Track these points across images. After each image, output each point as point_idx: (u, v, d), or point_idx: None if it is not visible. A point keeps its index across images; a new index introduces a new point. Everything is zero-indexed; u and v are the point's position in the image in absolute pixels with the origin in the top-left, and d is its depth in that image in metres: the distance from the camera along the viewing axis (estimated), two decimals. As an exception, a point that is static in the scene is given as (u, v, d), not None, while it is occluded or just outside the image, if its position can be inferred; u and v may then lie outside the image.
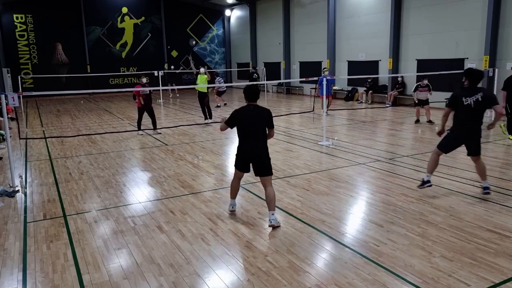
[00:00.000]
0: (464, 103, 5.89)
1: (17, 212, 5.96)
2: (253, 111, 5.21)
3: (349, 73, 20.16)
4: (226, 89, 19.67)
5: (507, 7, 13.80)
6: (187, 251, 4.56)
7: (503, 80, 14.01)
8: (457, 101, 6.01)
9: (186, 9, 29.29)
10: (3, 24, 24.75)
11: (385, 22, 18.01)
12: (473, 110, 5.88)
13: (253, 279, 3.94)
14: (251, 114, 5.18)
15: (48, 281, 4.02)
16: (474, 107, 5.85)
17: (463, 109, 5.94)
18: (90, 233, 5.12)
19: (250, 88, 5.23)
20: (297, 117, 15.02)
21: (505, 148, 9.35)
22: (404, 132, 11.94)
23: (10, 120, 14.11)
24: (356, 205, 6.02)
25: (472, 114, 5.93)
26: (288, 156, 8.96)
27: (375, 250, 4.45)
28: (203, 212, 5.73)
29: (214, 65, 30.98)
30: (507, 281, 3.82)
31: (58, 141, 11.32)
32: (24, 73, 24.65)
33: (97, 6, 26.84)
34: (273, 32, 25.78)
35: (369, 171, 7.63)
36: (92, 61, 27.02)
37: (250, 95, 5.20)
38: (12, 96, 7.30)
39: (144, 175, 7.84)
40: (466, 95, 5.89)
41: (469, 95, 5.87)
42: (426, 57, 16.66)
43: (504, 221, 5.18)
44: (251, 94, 5.20)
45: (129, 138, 11.58)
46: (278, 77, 25.57)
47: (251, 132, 5.20)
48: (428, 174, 6.28)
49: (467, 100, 5.87)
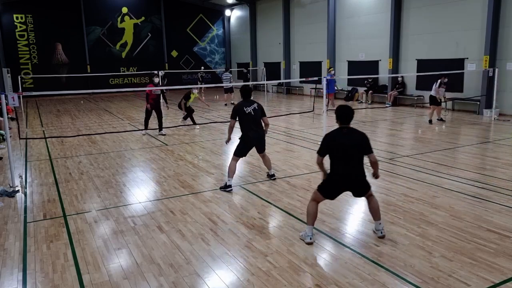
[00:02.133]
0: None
1: (17, 212, 5.96)
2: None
3: (349, 73, 20.16)
4: (232, 88, 19.51)
5: (507, 7, 13.79)
6: (187, 251, 4.56)
7: (503, 80, 14.07)
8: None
9: (186, 9, 29.30)
10: (3, 24, 24.75)
11: (385, 22, 18.01)
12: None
13: (253, 279, 3.94)
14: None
15: (48, 281, 4.02)
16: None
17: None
18: (90, 233, 5.12)
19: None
20: (297, 117, 15.02)
21: (505, 148, 9.35)
22: (404, 132, 11.95)
23: (10, 120, 14.11)
24: (356, 205, 6.02)
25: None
26: (288, 156, 8.95)
27: (375, 250, 4.45)
28: (203, 212, 5.73)
29: (214, 65, 30.99)
30: (507, 281, 3.82)
31: (58, 141, 11.32)
32: (24, 73, 24.64)
33: (97, 6, 26.84)
34: (273, 32, 25.77)
35: (369, 171, 7.61)
36: (92, 61, 27.02)
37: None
38: (12, 96, 7.30)
39: (144, 175, 7.84)
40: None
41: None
42: (426, 57, 16.66)
43: (504, 221, 5.18)
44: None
45: (129, 138, 11.58)
46: (278, 77, 25.57)
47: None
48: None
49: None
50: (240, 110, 6.56)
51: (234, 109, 6.63)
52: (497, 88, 13.69)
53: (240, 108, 6.56)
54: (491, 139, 10.68)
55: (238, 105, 6.64)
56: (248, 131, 6.59)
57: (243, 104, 6.60)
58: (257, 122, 6.62)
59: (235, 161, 6.68)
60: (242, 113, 6.54)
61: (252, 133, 6.59)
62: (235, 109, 6.61)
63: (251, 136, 6.60)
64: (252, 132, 6.59)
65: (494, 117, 13.57)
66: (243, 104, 6.60)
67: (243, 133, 6.69)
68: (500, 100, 14.13)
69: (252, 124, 6.57)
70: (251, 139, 6.63)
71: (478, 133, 11.43)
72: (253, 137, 6.61)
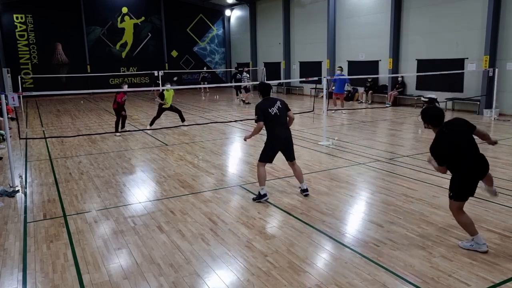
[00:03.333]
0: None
1: (17, 212, 5.96)
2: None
3: (349, 73, 20.15)
4: (249, 87, 19.89)
5: (507, 7, 13.79)
6: (187, 251, 4.56)
7: (503, 80, 14.07)
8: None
9: (186, 9, 29.29)
10: (3, 24, 24.75)
11: (385, 22, 18.01)
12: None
13: (253, 279, 3.94)
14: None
15: (48, 281, 4.02)
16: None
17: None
18: (90, 233, 5.12)
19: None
20: (297, 117, 14.97)
21: (505, 148, 9.35)
22: (404, 132, 11.94)
23: (10, 120, 14.10)
24: (356, 205, 6.02)
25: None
26: (288, 156, 8.94)
27: (375, 250, 4.45)
28: (203, 212, 5.72)
29: (214, 65, 30.99)
30: (507, 281, 3.82)
31: (58, 141, 11.32)
32: (24, 73, 24.64)
33: (97, 6, 26.84)
34: (273, 32, 25.77)
35: (369, 171, 7.63)
36: (92, 61, 27.02)
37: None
38: (12, 96, 7.30)
39: (144, 175, 7.84)
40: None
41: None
42: (426, 57, 16.66)
43: (504, 221, 5.18)
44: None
45: (129, 138, 11.58)
46: (278, 77, 25.57)
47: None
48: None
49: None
50: (265, 111, 5.95)
51: (259, 110, 5.97)
52: (497, 88, 13.68)
53: (265, 109, 5.96)
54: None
55: (262, 105, 6.01)
56: (276, 131, 6.03)
57: (266, 104, 6.02)
58: (284, 122, 6.12)
59: (263, 166, 6.13)
60: (268, 115, 5.95)
61: (281, 133, 6.07)
62: (261, 110, 5.96)
63: (281, 136, 6.07)
64: (281, 132, 6.06)
65: (494, 117, 13.57)
66: (267, 104, 6.02)
67: (270, 135, 6.10)
68: (500, 100, 14.13)
69: (280, 124, 6.04)
70: (281, 140, 6.08)
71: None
72: (283, 137, 6.09)
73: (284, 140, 6.12)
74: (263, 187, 6.10)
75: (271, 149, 6.11)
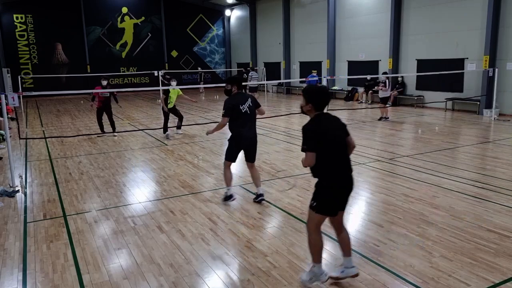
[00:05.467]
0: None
1: (17, 212, 5.96)
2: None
3: (349, 73, 20.16)
4: (257, 86, 19.80)
5: (507, 7, 13.79)
6: (187, 251, 4.56)
7: (503, 80, 14.07)
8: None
9: (186, 9, 29.30)
10: (3, 24, 24.75)
11: (385, 22, 18.01)
12: None
13: (253, 279, 3.94)
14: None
15: (48, 281, 4.02)
16: None
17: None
18: (90, 233, 5.12)
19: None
20: (297, 117, 15.00)
21: (505, 148, 9.35)
22: (404, 132, 11.94)
23: (10, 120, 14.11)
24: (356, 205, 6.02)
25: None
26: (288, 156, 8.95)
27: (375, 250, 4.45)
28: (203, 212, 5.72)
29: (214, 65, 31.00)
30: (507, 281, 3.82)
31: (58, 141, 11.31)
32: (24, 73, 24.64)
33: (97, 6, 26.84)
34: (273, 32, 25.77)
35: (369, 171, 7.63)
36: (92, 61, 27.02)
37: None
38: (12, 96, 7.30)
39: (144, 175, 7.84)
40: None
41: None
42: (426, 57, 16.66)
43: (504, 221, 5.18)
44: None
45: (129, 138, 11.58)
46: (278, 77, 25.57)
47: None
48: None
49: None
50: (236, 107, 5.64)
51: (228, 105, 5.65)
52: (497, 88, 13.68)
53: (236, 105, 5.65)
54: (491, 139, 10.68)
55: (233, 101, 5.69)
56: (240, 130, 5.72)
57: (238, 100, 5.70)
58: (252, 120, 5.83)
59: (228, 166, 5.93)
60: (237, 112, 5.65)
61: (245, 131, 5.74)
62: (230, 106, 5.64)
63: (244, 135, 5.76)
64: (246, 131, 5.75)
65: (494, 117, 13.57)
66: (238, 99, 5.70)
67: (233, 133, 5.82)
68: (500, 100, 14.14)
69: (247, 123, 5.75)
70: (244, 139, 5.79)
71: (478, 133, 11.43)
72: (246, 135, 5.77)
73: (249, 140, 5.85)
74: (230, 188, 5.96)
75: (234, 147, 5.85)
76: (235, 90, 5.78)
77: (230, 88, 5.79)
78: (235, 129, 5.77)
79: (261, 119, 13.84)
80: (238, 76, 5.91)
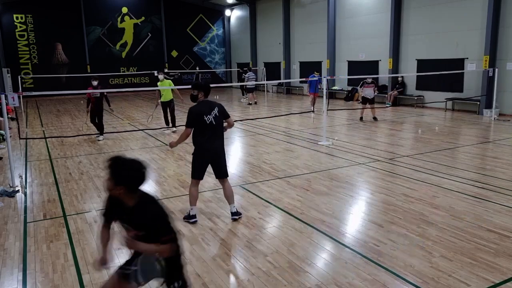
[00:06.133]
0: None
1: (17, 212, 5.96)
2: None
3: (349, 73, 20.16)
4: (254, 86, 19.79)
5: (507, 7, 13.79)
6: (187, 251, 4.56)
7: (503, 80, 14.06)
8: None
9: (186, 9, 29.29)
10: (3, 24, 24.74)
11: (385, 22, 18.01)
12: None
13: (253, 279, 3.94)
14: None
15: (48, 281, 4.02)
16: None
17: None
18: (90, 233, 5.12)
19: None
20: (297, 117, 15.02)
21: (505, 148, 9.35)
22: (404, 132, 11.94)
23: (10, 120, 14.11)
24: (356, 205, 6.02)
25: None
26: (288, 156, 8.95)
27: (375, 250, 4.45)
28: (203, 212, 5.72)
29: (214, 65, 31.00)
30: (507, 281, 3.82)
31: (58, 141, 11.31)
32: (24, 73, 24.63)
33: (97, 6, 26.84)
34: (273, 32, 25.77)
35: (369, 171, 7.63)
36: (92, 61, 27.02)
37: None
38: (12, 96, 7.30)
39: (144, 175, 7.82)
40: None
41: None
42: (426, 57, 16.66)
43: (504, 221, 5.18)
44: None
45: (129, 138, 11.58)
46: (278, 77, 25.57)
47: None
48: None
49: None
50: (199, 118, 5.08)
51: (192, 115, 5.13)
52: (497, 88, 13.68)
53: (199, 116, 5.08)
54: (491, 139, 10.68)
55: (196, 110, 5.13)
56: (204, 142, 5.17)
57: (202, 109, 5.13)
58: (218, 132, 5.25)
59: (196, 185, 5.39)
60: (201, 123, 5.09)
61: (210, 144, 5.19)
62: (193, 116, 5.12)
63: (208, 147, 5.20)
64: (210, 143, 5.18)
65: (494, 117, 13.57)
66: (203, 109, 5.13)
67: (197, 146, 5.24)
68: (500, 100, 14.13)
69: (212, 135, 5.19)
70: (209, 151, 5.24)
71: (478, 133, 11.43)
72: (209, 147, 5.20)
73: (213, 152, 5.25)
74: (194, 208, 5.38)
75: (200, 162, 5.31)
76: (201, 97, 5.20)
77: (196, 94, 5.23)
78: (197, 142, 5.20)
79: (261, 119, 13.86)
80: (205, 83, 5.38)
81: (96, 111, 11.33)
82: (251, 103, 19.30)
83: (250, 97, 19.65)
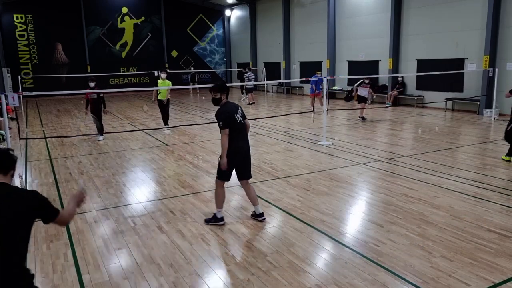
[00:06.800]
0: None
1: (17, 212, 5.95)
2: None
3: (349, 73, 20.15)
4: (253, 86, 19.88)
5: (507, 7, 13.79)
6: (187, 251, 4.56)
7: (503, 80, 14.06)
8: None
9: (186, 9, 29.30)
10: (3, 24, 24.75)
11: (385, 22, 18.01)
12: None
13: (253, 279, 3.94)
14: None
15: (48, 281, 4.02)
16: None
17: None
18: (90, 233, 5.12)
19: None
20: (297, 117, 15.02)
21: (505, 148, 9.34)
22: (404, 132, 11.94)
23: (10, 120, 14.10)
24: (356, 205, 6.02)
25: None
26: (288, 156, 8.95)
27: (375, 250, 4.45)
28: (203, 212, 5.72)
29: (214, 65, 31.00)
30: (507, 281, 3.82)
31: (58, 141, 11.31)
32: (24, 73, 24.64)
33: (97, 6, 26.84)
34: (273, 32, 25.77)
35: (369, 171, 7.63)
36: (92, 61, 27.02)
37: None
38: (12, 96, 7.30)
39: (144, 175, 7.84)
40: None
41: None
42: (426, 57, 16.66)
43: (504, 221, 5.18)
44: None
45: (129, 138, 11.58)
46: (278, 77, 25.57)
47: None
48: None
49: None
50: (232, 117, 4.98)
51: (225, 115, 4.95)
52: (497, 88, 13.68)
53: (232, 115, 4.98)
54: (491, 139, 10.67)
55: (228, 110, 5.02)
56: (239, 143, 5.06)
57: (231, 109, 5.04)
58: (245, 131, 5.20)
59: (223, 187, 5.26)
60: (234, 122, 4.98)
61: (243, 144, 5.14)
62: (228, 115, 4.96)
63: (244, 148, 5.15)
64: (243, 143, 5.13)
65: (494, 117, 13.57)
66: (232, 109, 5.04)
67: (232, 147, 4.98)
68: (500, 100, 14.11)
69: (242, 134, 5.13)
70: (242, 152, 5.15)
71: (478, 133, 11.43)
72: (246, 149, 5.18)
73: (244, 152, 5.16)
74: (220, 210, 5.27)
75: (234, 163, 5.12)
76: (224, 99, 5.09)
77: (219, 96, 5.08)
78: (230, 142, 4.97)
79: (261, 119, 13.85)
80: (224, 84, 5.27)
81: (95, 112, 11.33)
82: (251, 103, 19.32)
83: (249, 97, 19.68)
